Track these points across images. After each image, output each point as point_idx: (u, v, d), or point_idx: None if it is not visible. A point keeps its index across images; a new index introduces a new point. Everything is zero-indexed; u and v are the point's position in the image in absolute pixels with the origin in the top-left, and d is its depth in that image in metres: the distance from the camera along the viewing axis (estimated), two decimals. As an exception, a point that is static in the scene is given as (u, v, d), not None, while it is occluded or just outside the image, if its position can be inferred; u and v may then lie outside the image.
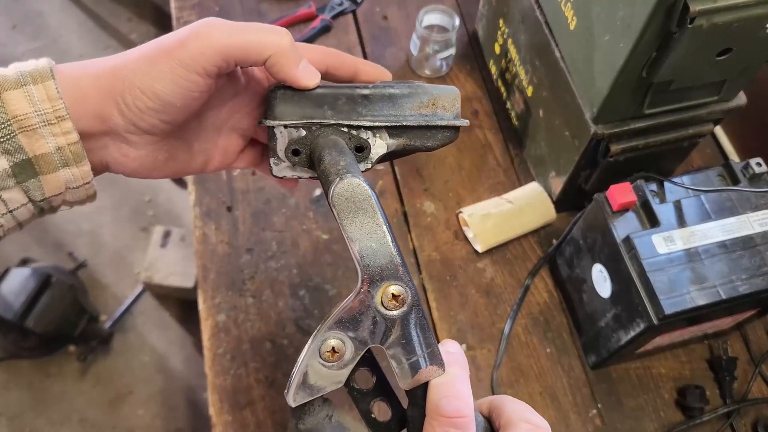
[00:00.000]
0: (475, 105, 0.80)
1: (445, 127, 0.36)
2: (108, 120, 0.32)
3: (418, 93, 0.36)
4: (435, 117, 0.36)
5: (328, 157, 0.32)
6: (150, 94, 0.31)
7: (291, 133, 0.35)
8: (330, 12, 0.84)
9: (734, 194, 0.57)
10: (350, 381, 0.31)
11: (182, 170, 0.37)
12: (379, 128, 0.35)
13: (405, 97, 0.35)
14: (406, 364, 0.30)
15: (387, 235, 0.29)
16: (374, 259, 0.29)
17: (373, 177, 0.74)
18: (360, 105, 0.35)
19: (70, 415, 1.34)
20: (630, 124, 0.59)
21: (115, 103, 0.31)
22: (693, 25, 0.47)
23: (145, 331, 1.44)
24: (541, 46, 0.65)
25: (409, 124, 0.35)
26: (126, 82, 0.31)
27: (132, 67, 0.31)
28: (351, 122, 0.35)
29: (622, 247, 0.55)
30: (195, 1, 0.84)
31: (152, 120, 0.32)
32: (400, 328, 0.29)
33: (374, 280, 0.29)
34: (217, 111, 0.36)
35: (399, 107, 0.35)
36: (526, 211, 0.70)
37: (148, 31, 1.85)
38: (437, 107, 0.36)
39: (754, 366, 0.66)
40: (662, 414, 0.63)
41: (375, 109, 0.35)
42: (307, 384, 0.30)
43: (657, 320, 0.52)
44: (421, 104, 0.35)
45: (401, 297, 0.29)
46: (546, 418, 0.66)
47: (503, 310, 0.67)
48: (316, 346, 0.29)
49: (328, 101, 0.35)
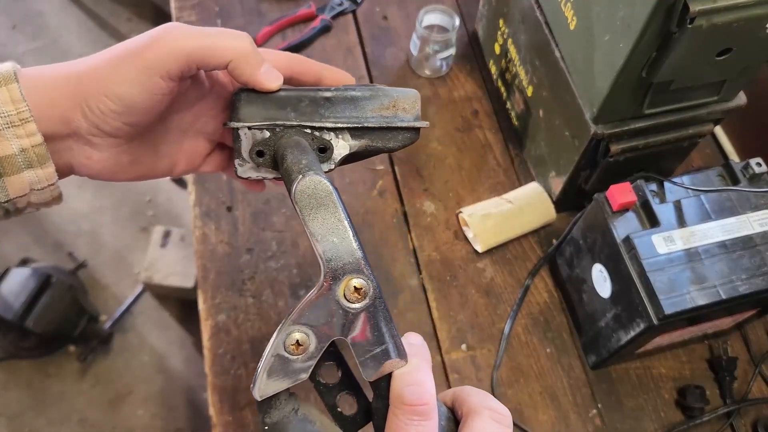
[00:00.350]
0: (475, 105, 0.80)
1: (405, 129, 0.37)
2: (72, 123, 0.32)
3: (379, 95, 0.37)
4: (396, 119, 0.37)
5: (290, 156, 0.33)
6: (113, 97, 0.32)
7: (255, 134, 0.36)
8: (330, 12, 0.84)
9: (734, 194, 0.57)
10: (316, 375, 0.32)
11: (147, 173, 0.37)
12: (341, 129, 0.36)
13: (366, 100, 0.37)
14: (369, 356, 0.30)
15: (348, 230, 0.30)
16: (336, 254, 0.30)
17: (373, 177, 0.74)
18: (322, 107, 0.36)
19: (70, 415, 1.34)
20: (630, 124, 0.59)
21: (79, 106, 0.32)
22: (693, 25, 0.47)
23: (145, 331, 1.44)
24: (541, 46, 0.65)
25: (370, 126, 0.36)
26: (90, 85, 0.32)
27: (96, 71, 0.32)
28: (313, 123, 0.36)
29: (622, 247, 0.55)
30: (195, 1, 0.84)
31: (115, 123, 0.33)
32: (362, 321, 0.30)
33: (336, 275, 0.30)
34: (182, 115, 0.37)
35: (360, 109, 0.36)
36: (526, 211, 0.70)
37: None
38: (398, 109, 0.37)
39: (754, 366, 0.66)
40: (662, 414, 0.63)
41: (337, 111, 0.36)
42: (272, 377, 0.30)
43: (657, 320, 0.52)
44: (382, 106, 0.37)
45: (363, 290, 0.30)
46: (546, 418, 0.67)
47: (503, 310, 0.67)
48: (281, 339, 0.30)
49: (291, 104, 0.36)
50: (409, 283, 0.68)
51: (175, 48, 0.32)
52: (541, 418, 0.63)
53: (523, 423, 0.62)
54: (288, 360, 0.30)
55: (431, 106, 0.79)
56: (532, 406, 0.63)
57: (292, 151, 0.34)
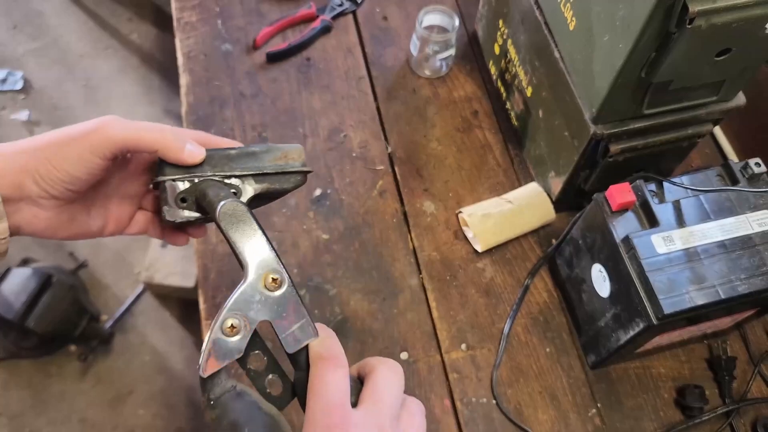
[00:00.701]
0: (475, 105, 0.80)
1: (295, 172, 0.47)
2: (24, 188, 0.40)
3: (273, 150, 0.47)
4: (287, 165, 0.47)
5: (211, 192, 0.43)
6: (61, 169, 0.40)
7: (177, 185, 0.44)
8: (330, 12, 0.84)
9: (733, 194, 0.57)
10: (246, 364, 0.39)
11: (83, 232, 0.45)
12: (246, 176, 0.46)
13: (263, 153, 0.46)
14: (288, 333, 0.38)
15: (263, 236, 0.39)
16: (255, 255, 0.38)
17: (373, 177, 0.74)
18: (230, 161, 0.46)
19: (71, 415, 1.34)
20: (629, 124, 0.59)
21: (31, 175, 0.40)
22: (692, 26, 0.47)
23: (145, 331, 1.44)
24: (541, 47, 0.65)
25: (267, 172, 0.46)
26: (41, 160, 0.40)
27: (46, 149, 0.40)
28: (224, 173, 0.45)
29: (622, 247, 0.55)
30: (195, 2, 0.85)
31: (61, 188, 0.41)
32: (280, 305, 0.38)
33: (257, 271, 0.38)
34: (107, 181, 0.45)
35: (260, 161, 0.46)
36: (525, 211, 0.70)
37: (148, 32, 1.85)
38: (288, 159, 0.47)
39: (754, 366, 0.66)
40: (662, 414, 0.63)
41: (241, 163, 0.46)
42: (214, 356, 0.37)
43: (656, 320, 0.52)
44: (276, 157, 0.46)
45: (279, 280, 0.38)
46: (546, 418, 0.67)
47: (503, 310, 0.68)
48: (218, 324, 0.37)
49: (206, 160, 0.45)
50: (409, 282, 0.69)
51: (112, 137, 0.41)
52: (541, 417, 0.63)
53: (523, 422, 0.62)
54: (225, 342, 0.37)
55: (431, 106, 0.80)
56: (532, 406, 0.63)
57: (211, 189, 0.43)
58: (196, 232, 0.48)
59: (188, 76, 0.79)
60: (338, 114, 0.78)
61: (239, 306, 0.37)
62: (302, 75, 0.81)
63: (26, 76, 1.74)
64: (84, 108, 1.71)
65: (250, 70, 0.80)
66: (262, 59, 0.81)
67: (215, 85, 0.79)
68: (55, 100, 1.72)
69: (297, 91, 0.80)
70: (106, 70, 1.77)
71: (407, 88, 0.81)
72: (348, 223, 0.71)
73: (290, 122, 0.77)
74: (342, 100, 0.79)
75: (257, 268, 0.38)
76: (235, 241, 0.38)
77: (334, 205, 0.72)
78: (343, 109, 0.79)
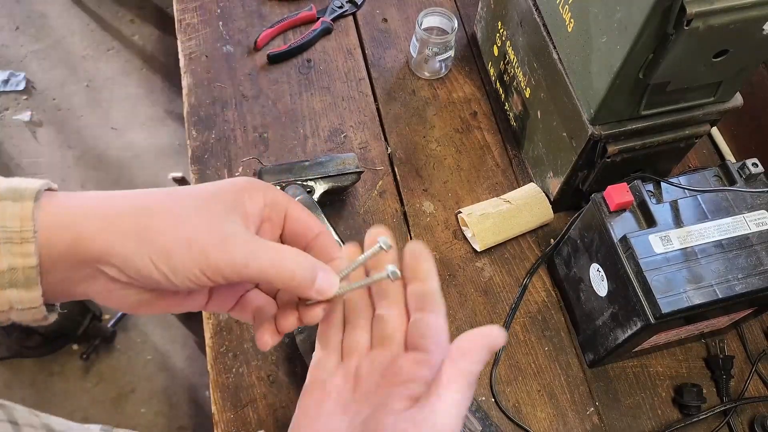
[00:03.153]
0: (474, 106, 0.80)
1: (351, 173, 0.69)
2: (103, 262, 0.31)
3: (334, 159, 0.70)
4: (345, 168, 0.69)
5: (290, 191, 0.64)
6: (160, 273, 0.31)
7: None
8: (330, 14, 0.85)
9: (730, 194, 0.57)
10: None
11: (175, 308, 0.36)
12: (317, 179, 0.68)
13: (328, 162, 0.70)
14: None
15: (325, 220, 0.61)
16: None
17: (373, 177, 0.75)
18: (306, 169, 0.69)
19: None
20: (627, 125, 0.59)
21: (120, 257, 0.31)
22: (690, 27, 0.47)
23: (147, 329, 1.45)
24: (539, 48, 0.66)
25: (331, 174, 0.69)
26: (143, 245, 0.31)
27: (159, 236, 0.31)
28: (302, 178, 0.68)
29: (619, 247, 0.55)
30: (197, 3, 0.85)
31: (150, 285, 0.32)
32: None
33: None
34: None
35: (326, 167, 0.69)
36: (524, 211, 0.71)
37: (150, 33, 1.86)
38: (345, 164, 0.70)
39: (751, 364, 0.66)
40: (659, 412, 0.64)
41: (313, 169, 0.69)
42: None
43: (654, 319, 0.53)
44: (337, 164, 0.70)
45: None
46: (544, 416, 0.67)
47: (502, 309, 0.68)
48: None
49: (289, 170, 0.68)
50: (408, 282, 0.69)
51: (240, 263, 0.32)
52: (539, 415, 0.63)
53: (521, 421, 0.63)
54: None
55: (430, 107, 0.80)
56: (530, 404, 0.64)
57: (291, 189, 0.64)
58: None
59: (190, 77, 0.80)
60: (338, 115, 0.79)
61: None
62: (303, 76, 0.81)
63: (29, 77, 1.75)
64: (86, 109, 1.72)
65: (252, 72, 0.81)
66: (263, 61, 0.82)
67: (217, 86, 0.80)
68: (57, 101, 1.73)
69: (298, 93, 0.80)
70: (109, 72, 1.78)
71: (407, 90, 0.81)
72: (348, 223, 0.72)
73: (291, 123, 0.78)
74: (342, 101, 0.80)
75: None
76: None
77: (334, 205, 0.72)
78: (344, 110, 0.79)
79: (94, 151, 1.66)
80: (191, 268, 0.31)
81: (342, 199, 0.73)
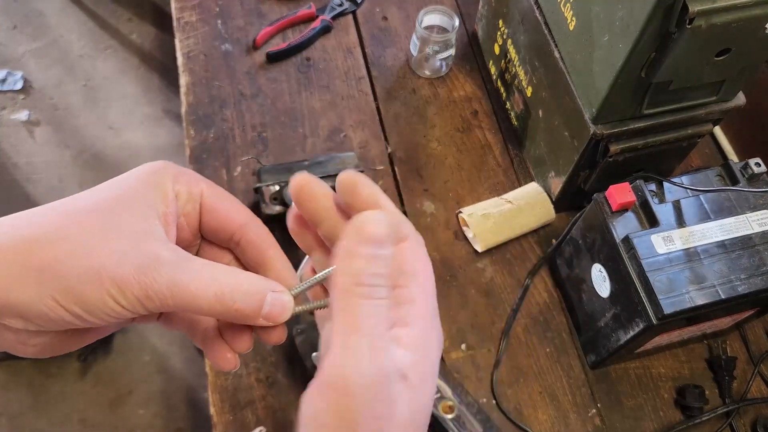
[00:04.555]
0: (475, 105, 0.80)
1: None
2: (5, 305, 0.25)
3: (334, 158, 0.69)
4: (344, 168, 0.67)
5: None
6: (68, 308, 0.26)
7: (271, 189, 0.66)
8: (330, 12, 0.84)
9: (733, 194, 0.57)
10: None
11: (96, 337, 0.32)
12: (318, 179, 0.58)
13: (328, 161, 0.69)
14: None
15: None
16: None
17: (373, 177, 0.74)
18: (305, 169, 0.65)
19: (71, 415, 1.34)
20: (629, 124, 0.59)
21: (22, 295, 0.25)
22: (692, 26, 0.47)
23: (145, 331, 1.44)
24: (541, 47, 0.65)
25: (331, 174, 0.66)
26: (44, 280, 0.25)
27: (57, 267, 0.26)
28: None
29: (621, 247, 0.55)
30: (195, 2, 0.85)
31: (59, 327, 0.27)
32: None
33: None
34: None
35: (325, 167, 0.68)
36: (525, 211, 0.70)
37: (148, 32, 1.85)
38: (345, 164, 0.69)
39: (753, 366, 0.66)
40: (661, 413, 0.63)
41: (313, 169, 0.67)
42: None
43: (656, 320, 0.52)
44: (336, 163, 0.69)
45: None
46: (546, 418, 0.67)
47: (503, 310, 0.68)
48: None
49: (289, 170, 0.67)
50: (409, 282, 0.69)
51: (158, 290, 0.27)
52: (541, 417, 0.63)
53: (523, 422, 0.62)
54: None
55: (431, 106, 0.80)
56: (532, 406, 0.63)
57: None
58: (237, 341, 0.32)
59: (188, 76, 0.79)
60: (338, 114, 0.78)
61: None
62: (302, 75, 0.81)
63: (26, 76, 1.74)
64: (84, 108, 1.72)
65: (250, 70, 0.80)
66: (262, 59, 0.81)
67: (215, 85, 0.79)
68: (55, 100, 1.72)
69: (297, 91, 0.80)
70: (106, 70, 1.77)
71: (407, 88, 0.81)
72: (348, 223, 0.71)
73: (290, 122, 0.77)
74: (342, 100, 0.79)
75: None
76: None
77: (334, 205, 0.72)
78: (343, 109, 0.79)
79: (91, 151, 1.65)
80: (107, 302, 0.25)
81: (341, 199, 0.73)
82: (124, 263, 0.25)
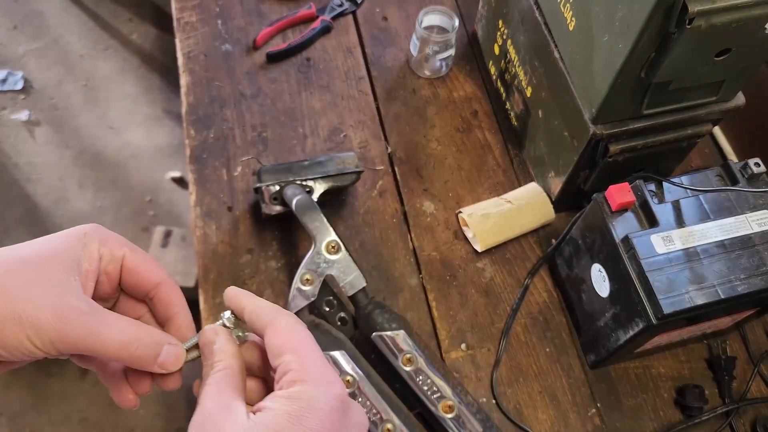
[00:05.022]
0: (475, 105, 0.80)
1: (350, 173, 0.67)
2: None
3: (334, 158, 0.68)
4: (344, 168, 0.67)
5: (290, 191, 0.63)
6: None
7: (271, 189, 0.65)
8: (330, 13, 0.84)
9: (733, 194, 0.57)
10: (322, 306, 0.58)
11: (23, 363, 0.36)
12: (317, 178, 0.66)
13: (327, 161, 0.67)
14: (345, 281, 0.58)
15: (324, 219, 0.60)
16: (320, 231, 0.59)
17: (373, 177, 0.74)
18: (305, 168, 0.66)
19: (71, 414, 1.34)
20: (629, 124, 0.59)
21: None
22: (692, 26, 0.47)
23: (145, 330, 1.44)
24: (541, 47, 0.65)
25: (331, 174, 0.66)
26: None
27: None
28: (301, 178, 0.65)
29: (621, 247, 0.55)
30: (196, 2, 0.85)
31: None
32: (339, 263, 0.58)
33: (321, 241, 0.59)
34: None
35: (325, 167, 0.67)
36: (525, 211, 0.70)
37: (148, 32, 1.85)
38: (345, 163, 0.67)
39: (753, 365, 0.66)
40: (661, 413, 0.63)
41: (313, 169, 0.66)
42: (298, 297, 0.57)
43: (656, 320, 0.52)
44: (336, 163, 0.67)
45: (336, 246, 0.59)
46: (545, 418, 0.67)
47: (503, 310, 0.68)
48: (298, 278, 0.57)
49: (288, 171, 0.66)
50: (408, 282, 0.69)
51: (68, 335, 0.32)
52: (541, 417, 0.63)
53: (523, 422, 0.62)
54: (304, 290, 0.57)
55: (431, 106, 0.80)
56: (532, 406, 0.63)
57: (290, 189, 0.64)
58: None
59: (188, 76, 0.80)
60: (338, 114, 0.78)
61: (310, 265, 0.57)
62: (302, 75, 0.81)
63: (26, 76, 1.74)
64: (84, 108, 1.72)
65: (250, 71, 0.80)
66: (262, 59, 0.81)
67: (215, 85, 0.79)
68: (55, 100, 1.72)
69: (297, 92, 0.80)
70: (107, 71, 1.77)
71: (407, 89, 0.81)
72: (348, 223, 0.71)
73: (290, 122, 0.77)
74: (342, 100, 0.79)
75: (321, 239, 0.58)
76: (306, 222, 0.59)
77: (333, 205, 0.72)
78: (343, 110, 0.79)
79: (91, 151, 1.65)
80: (23, 342, 0.30)
81: (342, 198, 0.73)
82: (43, 310, 0.30)
